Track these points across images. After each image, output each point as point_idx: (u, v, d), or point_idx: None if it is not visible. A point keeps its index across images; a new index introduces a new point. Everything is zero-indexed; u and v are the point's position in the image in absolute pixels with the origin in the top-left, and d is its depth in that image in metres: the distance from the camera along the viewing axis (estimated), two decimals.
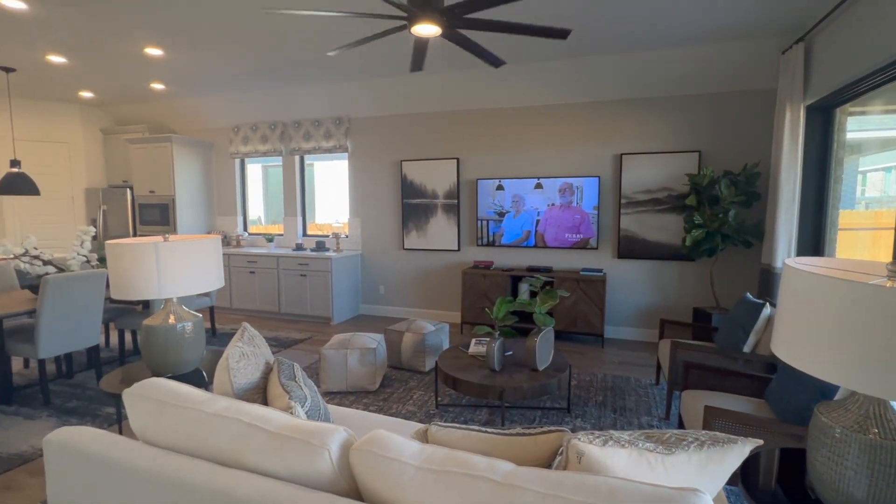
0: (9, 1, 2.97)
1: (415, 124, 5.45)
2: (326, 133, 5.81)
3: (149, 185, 6.07)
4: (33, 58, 4.22)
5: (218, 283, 1.99)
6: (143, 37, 3.71)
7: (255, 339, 1.63)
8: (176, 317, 1.98)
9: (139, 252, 1.78)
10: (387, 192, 5.66)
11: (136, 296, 1.79)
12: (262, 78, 4.98)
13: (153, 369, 1.96)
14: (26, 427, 2.66)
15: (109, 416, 2.81)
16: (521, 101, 4.93)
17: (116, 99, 5.96)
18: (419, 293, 5.61)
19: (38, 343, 2.89)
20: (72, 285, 2.96)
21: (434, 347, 3.66)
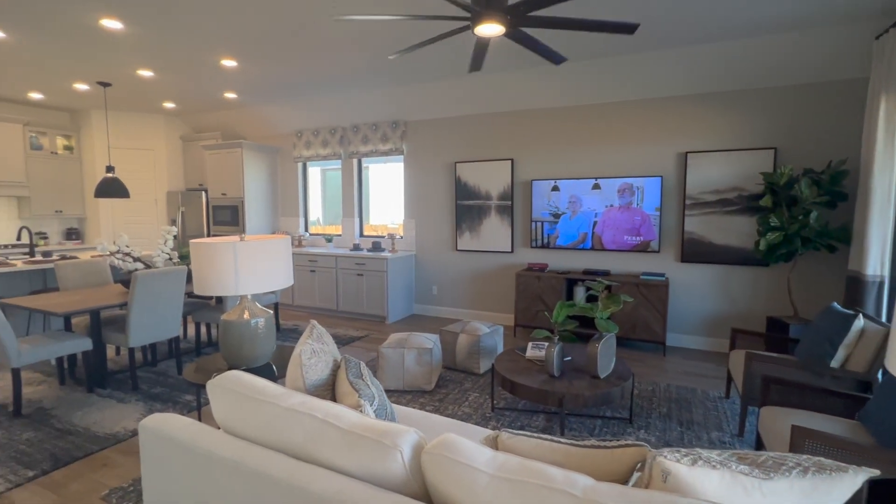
0: (108, 21, 3.30)
1: (469, 126, 5.46)
2: (383, 136, 5.95)
3: (221, 187, 6.51)
4: (126, 73, 4.65)
5: (287, 281, 2.09)
6: (219, 49, 3.98)
7: (324, 337, 1.70)
8: (250, 313, 2.10)
9: (219, 251, 1.91)
10: (441, 194, 5.71)
11: (216, 292, 1.92)
12: (324, 85, 5.19)
13: (229, 362, 2.10)
14: (118, 409, 2.93)
15: (189, 402, 3.04)
16: (578, 99, 4.80)
17: (194, 108, 6.44)
18: (471, 294, 5.61)
19: (129, 333, 3.18)
20: (157, 281, 3.23)
21: (489, 349, 3.65)
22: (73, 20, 3.30)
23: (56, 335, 3.13)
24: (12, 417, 2.79)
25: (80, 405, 2.98)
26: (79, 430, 2.63)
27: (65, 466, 2.25)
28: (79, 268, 3.89)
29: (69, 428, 2.66)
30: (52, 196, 6.32)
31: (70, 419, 2.77)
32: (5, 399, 3.08)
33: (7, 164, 5.82)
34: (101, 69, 4.53)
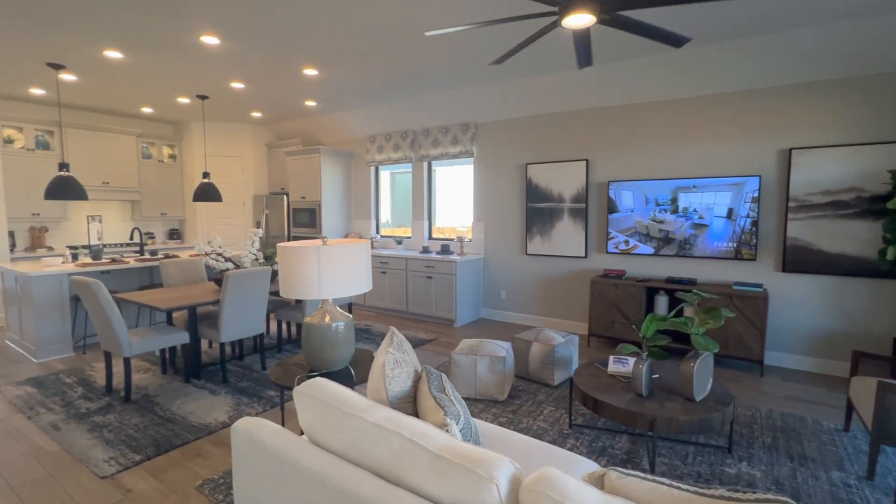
0: (207, 38, 3.57)
1: (541, 126, 5.29)
2: (453, 139, 5.94)
3: (301, 191, 6.87)
4: (221, 86, 5.04)
5: (366, 286, 2.11)
6: (302, 60, 4.18)
7: (404, 345, 1.68)
8: (331, 317, 2.14)
9: (303, 255, 1.95)
10: (510, 197, 5.58)
11: (301, 295, 1.97)
12: (397, 89, 5.28)
13: (311, 364, 2.15)
14: (210, 401, 3.15)
15: (272, 398, 3.20)
16: (660, 94, 4.46)
17: (278, 117, 6.85)
18: (541, 300, 5.43)
19: (220, 329, 3.41)
20: (245, 280, 3.43)
21: (563, 360, 3.48)
22: (177, 38, 3.61)
23: (160, 328, 3.43)
24: (123, 402, 3.10)
25: (179, 394, 3.24)
26: (177, 419, 2.85)
27: (165, 454, 2.44)
28: (178, 266, 4.26)
29: (169, 416, 2.89)
30: (159, 200, 7.02)
31: (170, 407, 3.02)
32: (118, 385, 3.43)
33: (123, 172, 6.55)
34: (200, 83, 4.94)
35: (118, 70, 4.44)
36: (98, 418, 2.86)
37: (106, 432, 2.67)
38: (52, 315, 4.05)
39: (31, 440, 2.60)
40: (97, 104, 5.98)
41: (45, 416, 2.90)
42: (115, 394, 3.25)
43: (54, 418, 2.85)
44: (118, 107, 6.13)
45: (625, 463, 2.37)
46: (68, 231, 6.37)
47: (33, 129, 5.77)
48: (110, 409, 2.98)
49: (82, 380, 3.52)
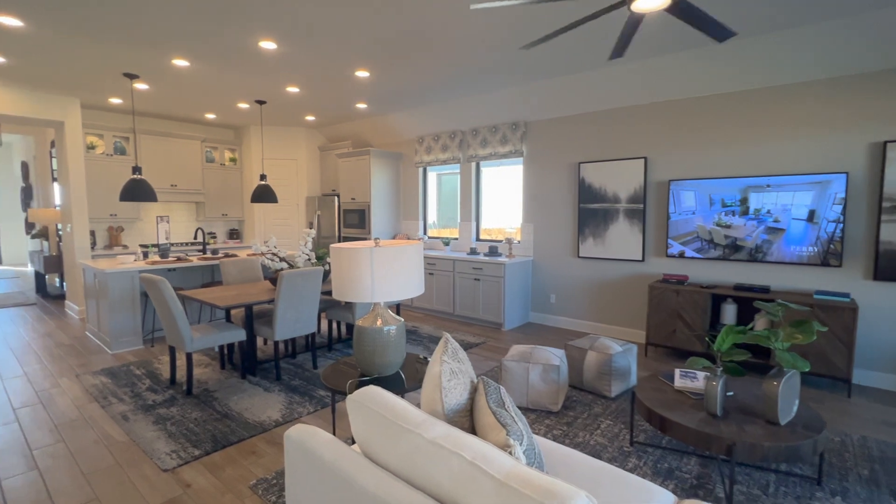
0: (265, 43, 3.67)
1: (595, 123, 5.05)
2: (502, 138, 5.82)
3: (351, 192, 6.99)
4: (277, 91, 5.20)
5: (419, 289, 2.05)
6: (355, 62, 4.22)
7: (458, 353, 1.60)
8: (382, 320, 2.10)
9: (356, 256, 1.92)
10: (562, 197, 5.38)
11: (353, 297, 1.94)
12: (446, 89, 5.23)
13: (362, 367, 2.12)
14: (264, 398, 3.22)
15: (323, 398, 3.22)
16: (728, 85, 4.12)
17: (330, 120, 7.00)
18: (594, 305, 5.19)
19: (275, 327, 3.49)
20: (299, 280, 3.49)
21: (622, 371, 3.27)
22: (237, 44, 3.74)
23: (219, 325, 3.56)
24: (185, 396, 3.23)
25: (236, 391, 3.34)
26: (234, 415, 2.93)
27: (222, 450, 2.51)
28: (237, 265, 4.42)
29: (226, 412, 2.98)
30: (220, 201, 7.39)
31: (228, 403, 3.12)
32: (181, 378, 3.59)
33: (189, 175, 6.95)
34: (258, 88, 5.12)
35: (184, 78, 4.68)
36: (162, 410, 2.99)
37: (169, 425, 2.78)
38: (125, 310, 4.33)
39: (102, 429, 2.75)
40: (166, 111, 6.37)
41: (117, 405, 3.07)
42: (178, 387, 3.40)
43: (124, 409, 3.02)
44: (184, 113, 6.50)
45: (695, 489, 2.16)
46: (141, 230, 6.83)
47: (112, 135, 6.23)
48: (173, 402, 3.12)
49: (150, 372, 3.72)
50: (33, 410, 3.01)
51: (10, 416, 2.92)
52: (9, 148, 11.01)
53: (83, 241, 5.75)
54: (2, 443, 2.60)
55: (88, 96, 5.52)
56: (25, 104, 5.23)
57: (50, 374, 3.69)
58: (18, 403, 3.12)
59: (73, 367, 3.85)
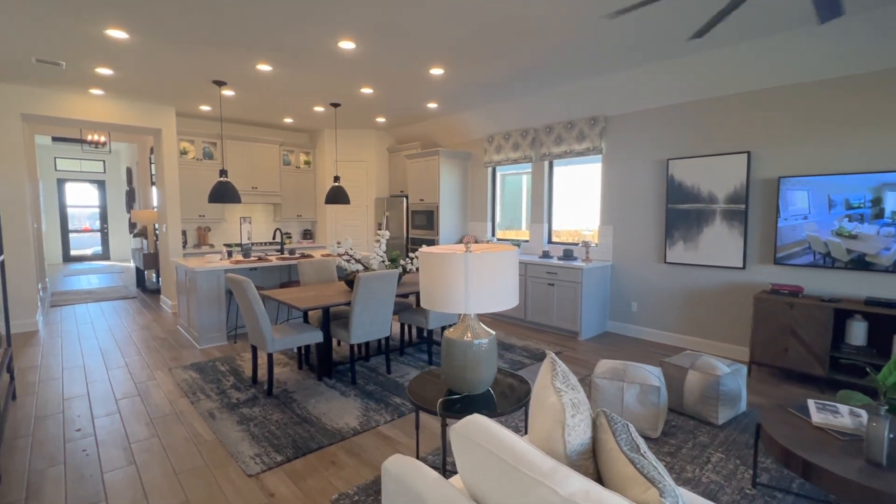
0: (344, 43, 3.66)
1: (687, 115, 4.57)
2: (579, 135, 5.47)
3: (419, 194, 6.94)
4: (352, 92, 5.24)
5: (514, 300, 1.85)
6: (429, 59, 4.11)
7: (569, 378, 1.38)
8: (473, 333, 1.93)
9: (449, 263, 1.76)
10: (646, 197, 4.94)
11: (445, 308, 1.79)
12: (520, 84, 4.99)
13: (449, 383, 1.97)
14: (341, 403, 3.18)
15: (398, 406, 3.13)
16: (854, 66, 3.51)
17: (399, 121, 7.01)
18: (682, 316, 4.70)
19: (351, 329, 3.45)
20: (375, 282, 3.43)
21: (730, 395, 2.87)
22: (318, 46, 3.76)
23: (297, 326, 3.59)
24: (266, 396, 3.28)
25: (313, 393, 3.34)
26: (313, 419, 2.90)
27: (303, 457, 2.47)
28: (313, 266, 4.48)
29: (305, 415, 2.96)
30: (295, 203, 7.66)
31: (306, 406, 3.11)
32: (262, 377, 3.66)
33: (268, 178, 7.26)
34: (334, 91, 5.18)
35: (267, 83, 4.84)
36: (245, 410, 3.04)
37: (252, 426, 2.81)
38: (212, 307, 4.54)
39: (192, 426, 2.84)
40: (249, 117, 6.68)
41: (204, 402, 3.17)
42: (259, 386, 3.46)
43: (211, 406, 3.11)
44: (265, 118, 6.78)
45: None
46: (225, 231, 7.24)
47: (202, 141, 6.64)
48: (255, 402, 3.17)
49: (233, 369, 3.85)
50: (132, 402, 3.19)
51: (112, 407, 3.11)
52: (117, 156, 12.25)
53: (176, 240, 6.16)
54: (106, 433, 2.75)
55: (182, 105, 5.90)
56: (130, 114, 5.68)
57: (147, 367, 3.92)
58: (120, 394, 3.33)
59: (166, 361, 4.08)
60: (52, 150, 11.33)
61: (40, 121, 5.41)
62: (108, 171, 12.30)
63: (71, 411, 3.04)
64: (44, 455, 2.48)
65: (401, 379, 3.63)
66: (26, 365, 3.96)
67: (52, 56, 3.98)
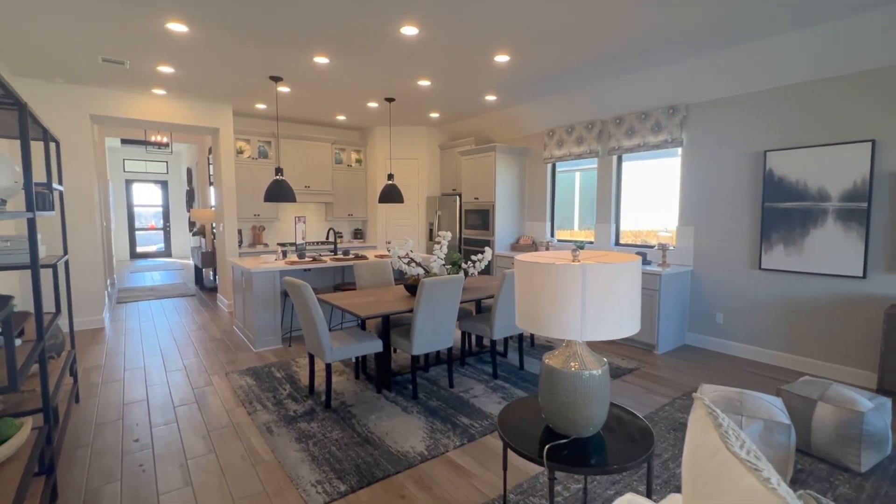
0: (407, 29, 3.38)
1: (790, 100, 3.97)
2: (655, 126, 4.94)
3: (474, 192, 6.62)
4: (408, 85, 4.99)
5: (635, 325, 1.48)
6: (496, 45, 3.77)
7: (742, 437, 1.01)
8: (580, 362, 1.58)
9: (562, 276, 1.42)
10: (736, 194, 4.37)
11: (555, 333, 1.45)
12: (590, 71, 4.54)
13: (553, 422, 1.62)
14: (404, 422, 2.90)
15: (466, 428, 2.82)
16: None
17: (453, 116, 6.70)
18: (782, 331, 4.10)
19: (413, 340, 3.18)
20: (439, 288, 3.14)
21: (876, 436, 2.34)
22: (378, 32, 3.51)
23: (356, 333, 3.36)
24: (324, 409, 3.06)
25: (373, 407, 3.09)
26: (375, 440, 2.65)
27: (368, 486, 2.21)
28: (370, 268, 4.26)
29: (367, 435, 2.71)
30: (347, 202, 7.55)
31: (367, 423, 2.86)
32: (319, 387, 3.46)
33: (320, 177, 7.18)
34: (390, 84, 4.95)
35: (323, 77, 4.67)
36: (304, 425, 2.83)
37: (311, 445, 2.59)
38: (267, 309, 4.42)
39: (249, 441, 2.65)
40: (302, 115, 6.60)
41: (261, 413, 2.99)
42: (316, 397, 3.26)
43: (268, 418, 2.92)
44: (318, 116, 6.68)
45: None
46: (278, 230, 7.23)
47: (257, 140, 6.63)
48: (313, 416, 2.96)
49: (289, 376, 3.68)
50: (189, 410, 3.06)
51: (171, 415, 2.99)
52: (178, 157, 12.76)
53: (232, 239, 6.17)
54: (163, 446, 2.61)
55: (238, 103, 5.88)
56: (189, 113, 5.72)
57: (204, 370, 3.84)
58: (178, 400, 3.22)
59: (223, 365, 3.99)
60: (121, 152, 11.93)
61: (108, 122, 5.53)
62: (170, 171, 12.84)
63: (130, 418, 2.95)
64: (101, 469, 2.37)
65: (465, 394, 3.32)
66: (91, 364, 3.98)
67: (116, 55, 3.97)
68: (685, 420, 2.94)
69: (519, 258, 1.59)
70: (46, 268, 2.58)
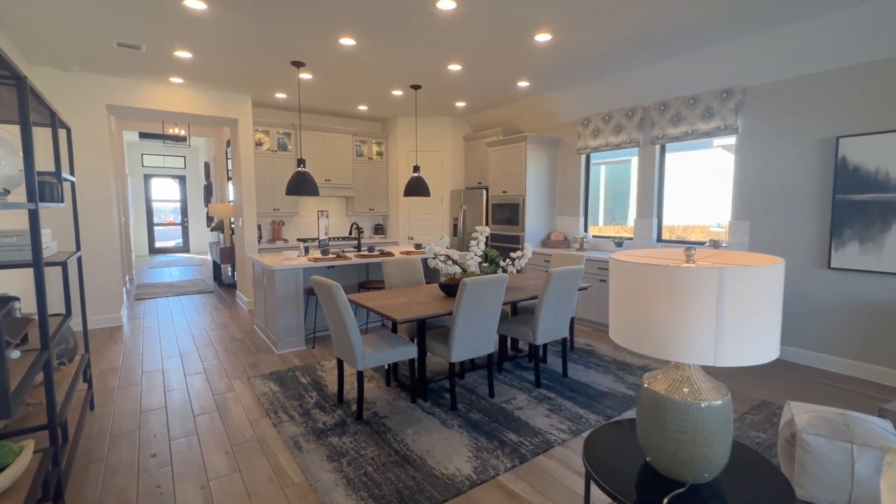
0: (443, 2, 3.06)
1: (868, 79, 3.55)
2: (706, 112, 4.54)
3: (502, 185, 6.28)
4: (437, 70, 4.67)
5: (775, 349, 1.15)
6: (538, 21, 3.43)
7: None
8: (694, 389, 1.26)
9: (689, 281, 1.10)
10: (800, 185, 3.96)
11: (678, 356, 1.13)
12: (635, 48, 4.16)
13: (657, 462, 1.30)
14: (445, 437, 2.62)
15: (515, 446, 2.51)
16: None
17: (480, 105, 6.36)
18: (858, 337, 3.70)
19: (452, 346, 2.89)
20: (482, 289, 2.83)
21: None
22: (412, 5, 3.20)
23: (387, 337, 3.08)
24: (356, 420, 2.79)
25: (409, 419, 2.81)
26: (415, 459, 2.36)
27: None
28: (399, 265, 3.97)
29: (405, 453, 2.43)
30: (368, 196, 7.28)
31: (403, 438, 2.58)
32: (348, 394, 3.19)
33: (341, 170, 6.92)
34: (417, 69, 4.63)
35: (347, 61, 4.38)
36: (335, 440, 2.56)
37: (345, 464, 2.31)
38: (290, 308, 4.17)
39: (276, 459, 2.39)
40: (323, 105, 6.34)
41: (288, 425, 2.73)
42: (346, 407, 2.99)
43: (295, 431, 2.66)
44: (339, 106, 6.41)
45: None
46: (298, 225, 7.00)
47: (276, 132, 6.39)
48: (345, 429, 2.68)
49: (315, 382, 3.42)
50: (210, 420, 2.82)
51: (190, 426, 2.75)
52: (195, 151, 12.66)
53: (252, 235, 5.95)
54: (182, 462, 2.37)
55: (258, 93, 5.64)
56: (207, 103, 5.49)
57: (225, 374, 3.60)
58: (198, 409, 2.99)
59: (244, 368, 3.75)
60: (139, 147, 11.86)
61: (124, 112, 5.34)
62: (187, 166, 12.75)
63: (147, 428, 2.72)
64: (115, 490, 2.13)
65: (507, 405, 3.02)
66: (108, 366, 3.78)
67: (132, 38, 3.74)
68: (763, 440, 2.59)
69: (616, 257, 1.28)
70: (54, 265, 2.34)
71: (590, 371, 3.70)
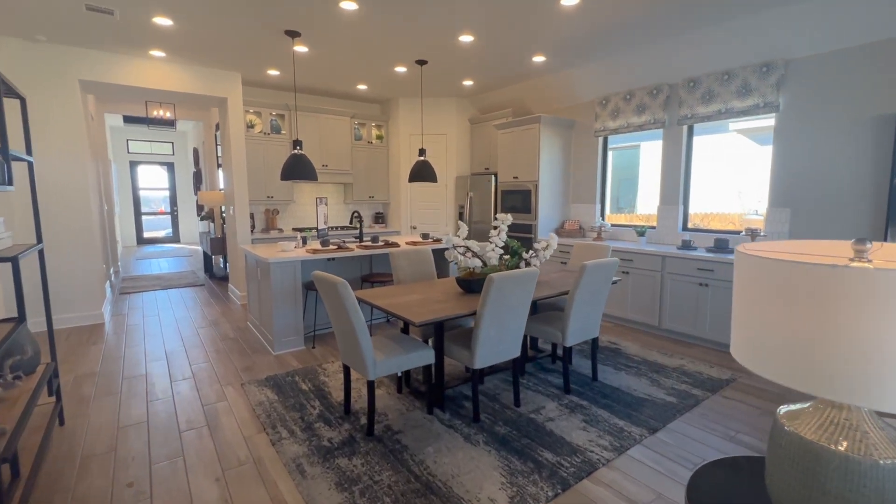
0: None
1: None
2: (742, 88, 4.15)
3: (512, 170, 5.88)
4: (447, 41, 4.23)
5: None
6: None
7: None
8: (865, 439, 0.89)
9: (863, 287, 0.73)
10: (850, 168, 3.60)
11: (839, 396, 0.77)
12: (664, 19, 3.75)
13: None
14: (470, 456, 2.26)
15: (553, 468, 2.17)
16: None
17: (489, 84, 5.92)
18: None
19: (476, 350, 2.52)
20: (510, 286, 2.46)
21: None
22: None
23: (399, 340, 2.71)
24: (366, 437, 2.43)
25: (427, 434, 2.45)
26: (439, 487, 2.01)
27: None
28: (408, 257, 3.59)
29: (427, 478, 2.07)
30: (367, 183, 6.86)
31: (422, 458, 2.23)
32: (356, 404, 2.83)
33: (339, 155, 6.48)
34: (426, 40, 4.20)
35: (347, 32, 3.94)
36: (343, 461, 2.20)
37: (358, 494, 1.96)
38: (287, 304, 3.79)
39: (276, 487, 2.03)
40: (320, 84, 5.88)
41: (288, 443, 2.37)
42: (354, 419, 2.63)
43: (297, 451, 2.30)
44: (337, 85, 5.95)
45: None
46: (294, 213, 6.58)
47: (269, 113, 5.93)
48: (354, 448, 2.33)
49: (317, 389, 3.05)
50: (199, 437, 2.45)
51: (175, 445, 2.38)
52: (184, 136, 12.12)
53: (244, 224, 5.54)
54: (165, 493, 2.01)
55: (248, 70, 5.18)
56: (193, 81, 5.03)
57: (216, 380, 3.22)
58: (185, 423, 2.61)
59: (238, 372, 3.38)
60: (124, 132, 11.31)
61: (101, 90, 4.87)
62: (176, 153, 12.21)
63: (125, 449, 2.35)
64: None
65: (536, 415, 2.67)
66: (84, 371, 3.40)
67: (102, 1, 3.28)
68: None
69: (750, 251, 0.91)
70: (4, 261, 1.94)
71: (620, 373, 3.36)
